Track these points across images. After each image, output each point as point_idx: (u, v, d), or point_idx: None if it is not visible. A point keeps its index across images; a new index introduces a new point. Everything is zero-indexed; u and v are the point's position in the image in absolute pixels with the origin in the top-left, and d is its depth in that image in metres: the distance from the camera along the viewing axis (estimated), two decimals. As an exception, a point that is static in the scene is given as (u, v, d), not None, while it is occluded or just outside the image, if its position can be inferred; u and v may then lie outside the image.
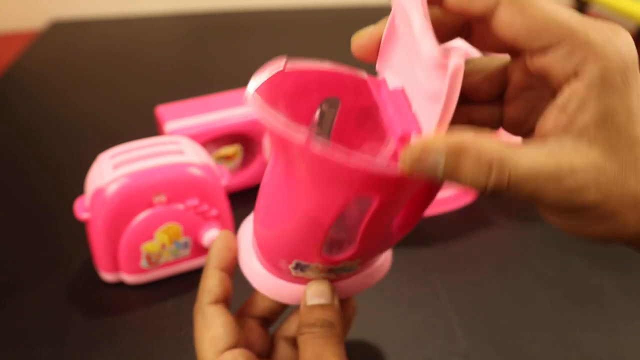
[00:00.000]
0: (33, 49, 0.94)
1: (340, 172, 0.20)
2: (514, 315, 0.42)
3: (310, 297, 0.26)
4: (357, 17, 1.15)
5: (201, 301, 0.27)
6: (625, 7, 0.95)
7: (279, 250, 0.25)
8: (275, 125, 0.20)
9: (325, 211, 0.22)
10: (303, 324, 0.25)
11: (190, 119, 0.51)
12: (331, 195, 0.22)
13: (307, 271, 0.25)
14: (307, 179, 0.22)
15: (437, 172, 0.18)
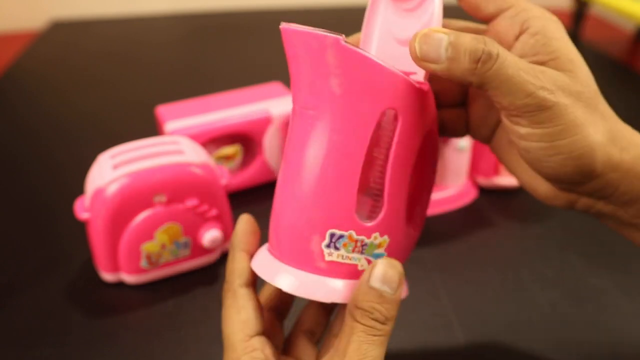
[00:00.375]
0: (33, 49, 0.94)
1: (371, 72, 0.22)
2: (514, 315, 0.42)
3: (375, 277, 0.23)
4: (357, 17, 1.15)
5: (232, 282, 0.27)
6: (625, 7, 0.95)
7: (312, 221, 0.24)
8: (308, 30, 0.22)
9: (356, 137, 0.23)
10: (358, 304, 0.23)
11: (190, 119, 0.51)
12: (361, 110, 0.22)
13: (341, 249, 0.24)
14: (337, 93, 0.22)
15: (442, 48, 0.22)
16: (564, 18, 1.21)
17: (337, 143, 0.23)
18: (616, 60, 0.97)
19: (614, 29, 1.28)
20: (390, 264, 0.24)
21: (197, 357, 0.38)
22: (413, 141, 0.25)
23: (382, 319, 0.23)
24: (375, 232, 0.25)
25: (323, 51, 0.22)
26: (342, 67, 0.22)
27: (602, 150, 0.24)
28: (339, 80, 0.22)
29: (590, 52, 1.02)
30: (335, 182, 0.23)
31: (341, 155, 0.23)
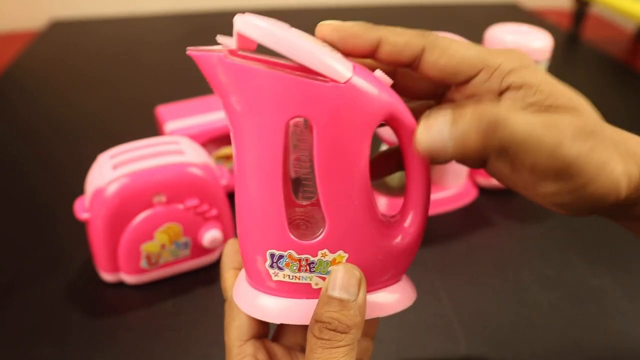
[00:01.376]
0: (33, 48, 0.94)
1: (264, 83, 0.20)
2: (514, 315, 0.42)
3: (332, 285, 0.23)
4: (357, 17, 1.15)
5: (226, 295, 0.28)
6: (625, 7, 0.95)
7: (252, 240, 0.24)
8: (199, 51, 0.21)
9: (267, 153, 0.21)
10: (316, 318, 0.23)
11: (190, 119, 0.51)
12: (266, 125, 0.21)
13: (285, 268, 0.23)
14: (239, 111, 0.21)
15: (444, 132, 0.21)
16: (564, 18, 1.22)
17: (252, 162, 0.22)
18: (616, 60, 0.97)
19: (615, 28, 1.28)
20: (346, 269, 0.23)
21: (197, 357, 0.38)
22: (348, 147, 0.22)
23: (342, 327, 0.22)
24: (323, 249, 0.23)
25: (214, 71, 0.21)
26: (234, 83, 0.21)
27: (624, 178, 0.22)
28: (236, 97, 0.21)
29: (590, 52, 1.02)
30: (260, 201, 0.22)
31: (258, 174, 0.22)
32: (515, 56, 0.23)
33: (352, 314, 0.22)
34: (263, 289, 0.24)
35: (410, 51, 0.22)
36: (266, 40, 0.20)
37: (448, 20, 1.14)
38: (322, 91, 0.21)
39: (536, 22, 1.09)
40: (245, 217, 0.23)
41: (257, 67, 0.21)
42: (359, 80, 0.21)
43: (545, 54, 0.50)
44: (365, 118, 0.22)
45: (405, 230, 0.25)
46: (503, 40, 0.50)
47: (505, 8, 1.23)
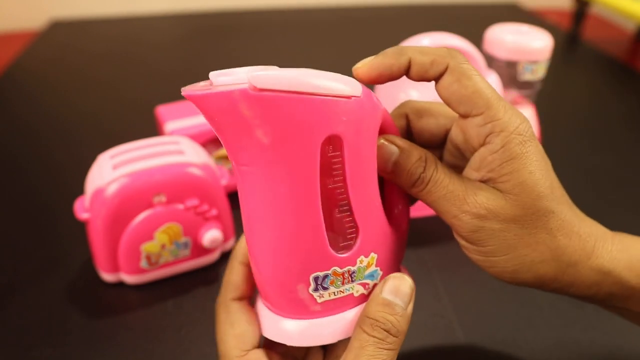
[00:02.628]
0: (33, 49, 0.94)
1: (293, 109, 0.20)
2: (514, 315, 0.42)
3: (387, 290, 0.24)
4: (357, 17, 1.15)
5: (225, 296, 0.27)
6: (625, 7, 0.95)
7: (290, 272, 0.23)
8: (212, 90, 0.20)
9: (303, 179, 0.21)
10: (369, 315, 0.23)
11: (190, 119, 0.51)
12: (298, 150, 0.21)
13: (330, 287, 0.23)
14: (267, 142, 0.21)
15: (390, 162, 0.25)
16: (564, 18, 1.22)
17: (287, 192, 0.22)
18: (616, 60, 0.97)
19: (615, 28, 1.28)
20: (403, 278, 0.24)
21: (197, 357, 0.38)
22: (368, 154, 0.23)
23: (394, 331, 0.23)
24: (359, 256, 0.24)
25: (235, 107, 0.20)
26: (261, 116, 0.20)
27: (538, 267, 0.25)
28: (263, 129, 0.21)
29: (590, 52, 1.02)
30: (300, 230, 0.22)
31: (295, 203, 0.22)
32: (517, 120, 0.24)
33: (403, 320, 0.24)
34: (307, 316, 0.24)
35: (435, 69, 0.24)
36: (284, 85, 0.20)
37: (448, 20, 1.14)
38: (348, 106, 0.22)
39: (536, 22, 1.10)
40: (279, 251, 0.23)
41: (285, 95, 0.20)
42: (367, 91, 0.23)
43: (545, 54, 0.50)
44: (376, 124, 0.24)
45: (398, 217, 0.27)
46: (503, 40, 0.50)
47: (505, 8, 1.23)
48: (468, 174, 0.25)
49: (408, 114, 0.28)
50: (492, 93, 0.24)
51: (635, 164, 0.64)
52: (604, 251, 0.26)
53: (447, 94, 0.24)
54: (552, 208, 0.24)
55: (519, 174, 0.23)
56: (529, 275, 0.25)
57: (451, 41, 0.46)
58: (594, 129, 0.72)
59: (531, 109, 0.54)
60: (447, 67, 0.24)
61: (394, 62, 0.24)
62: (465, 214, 0.24)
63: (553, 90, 0.81)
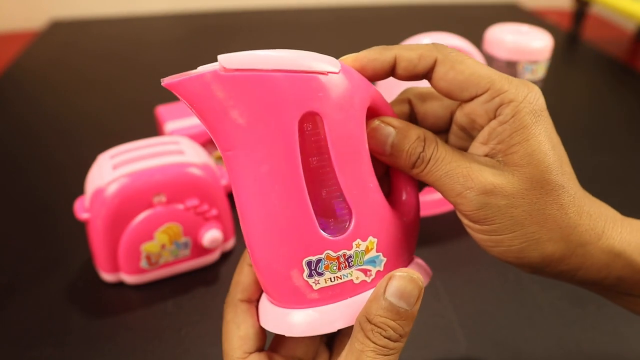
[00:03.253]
0: (33, 49, 0.94)
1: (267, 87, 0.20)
2: (514, 315, 0.42)
3: (391, 292, 0.22)
4: (357, 17, 1.15)
5: (234, 296, 0.26)
6: (625, 7, 0.95)
7: (282, 258, 0.22)
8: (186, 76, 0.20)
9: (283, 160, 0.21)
10: (370, 318, 0.22)
11: (190, 119, 0.51)
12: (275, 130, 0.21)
13: (325, 272, 0.23)
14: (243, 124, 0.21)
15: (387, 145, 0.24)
16: (564, 18, 1.22)
17: (268, 174, 0.21)
18: (616, 60, 0.97)
19: (615, 28, 1.28)
20: (410, 277, 0.22)
21: (197, 357, 0.38)
22: (354, 132, 0.23)
23: (395, 337, 0.22)
24: (356, 240, 0.23)
25: (208, 90, 0.20)
26: (234, 96, 0.20)
27: (546, 246, 0.23)
28: (238, 110, 0.21)
29: (590, 52, 1.02)
30: (286, 212, 0.22)
31: (278, 184, 0.21)
32: (525, 89, 0.23)
33: (407, 323, 0.22)
34: (305, 305, 0.23)
35: (424, 64, 0.24)
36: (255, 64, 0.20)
37: (448, 20, 1.14)
38: (324, 82, 0.21)
39: (536, 22, 1.10)
40: (268, 236, 0.22)
41: (258, 74, 0.20)
42: (347, 70, 0.23)
43: (545, 54, 0.50)
44: (361, 101, 0.23)
45: (406, 205, 0.26)
46: (503, 40, 0.50)
47: (505, 8, 1.23)
48: (474, 149, 0.24)
49: (411, 99, 0.27)
50: (490, 70, 0.23)
51: (635, 164, 0.64)
52: (614, 232, 0.24)
53: (445, 84, 0.23)
54: (562, 182, 0.23)
55: (528, 143, 0.23)
56: (535, 255, 0.24)
57: (451, 41, 0.46)
58: (594, 129, 0.72)
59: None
60: (436, 60, 0.23)
61: (378, 56, 0.24)
62: (470, 191, 0.23)
63: (553, 90, 0.80)
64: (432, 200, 0.51)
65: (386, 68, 0.24)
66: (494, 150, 0.23)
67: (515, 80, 0.23)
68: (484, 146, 0.24)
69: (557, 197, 0.23)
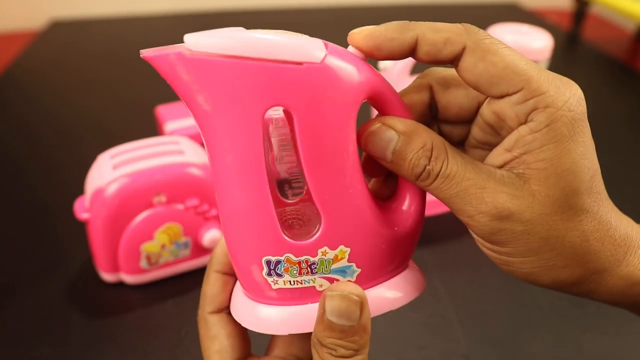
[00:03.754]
0: (33, 49, 0.94)
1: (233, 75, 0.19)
2: (514, 315, 0.42)
3: (329, 311, 0.20)
4: (357, 17, 1.15)
5: (203, 309, 0.25)
6: (625, 7, 0.95)
7: (244, 250, 0.22)
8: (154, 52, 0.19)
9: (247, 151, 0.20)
10: (319, 339, 0.21)
11: (190, 119, 0.51)
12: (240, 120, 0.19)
13: (285, 274, 0.22)
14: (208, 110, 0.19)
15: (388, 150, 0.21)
16: (564, 18, 1.22)
17: (230, 164, 0.20)
18: (616, 60, 0.97)
19: (615, 28, 1.28)
20: (341, 296, 0.20)
21: (196, 357, 0.38)
22: (334, 133, 0.20)
23: (349, 353, 0.20)
24: (322, 247, 0.21)
25: (174, 70, 0.19)
26: (199, 80, 0.19)
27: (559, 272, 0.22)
28: (204, 95, 0.19)
29: (590, 52, 1.02)
30: (246, 205, 0.20)
31: (240, 176, 0.20)
32: (566, 92, 0.20)
33: (358, 337, 0.20)
34: (264, 300, 0.22)
35: (450, 50, 0.20)
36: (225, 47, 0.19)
37: (448, 20, 1.13)
38: (297, 75, 0.19)
39: (536, 22, 1.09)
40: (232, 225, 0.21)
41: (223, 59, 0.19)
42: (334, 59, 0.20)
43: (545, 54, 0.50)
44: (347, 98, 0.20)
45: (405, 214, 0.23)
46: (503, 40, 0.50)
47: (505, 8, 1.23)
48: (495, 156, 0.21)
49: (432, 85, 0.23)
50: (528, 64, 0.20)
51: (635, 164, 0.64)
52: (636, 258, 0.22)
53: (472, 77, 0.20)
54: (588, 206, 0.21)
55: (560, 161, 0.20)
56: (546, 279, 0.22)
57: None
58: (594, 129, 0.71)
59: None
60: (465, 47, 0.20)
61: (396, 36, 0.20)
62: (483, 215, 0.20)
63: (553, 90, 0.80)
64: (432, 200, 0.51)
65: (405, 50, 0.21)
66: (518, 161, 0.20)
67: (556, 79, 0.20)
68: (507, 153, 0.21)
69: (579, 222, 0.21)
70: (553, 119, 0.19)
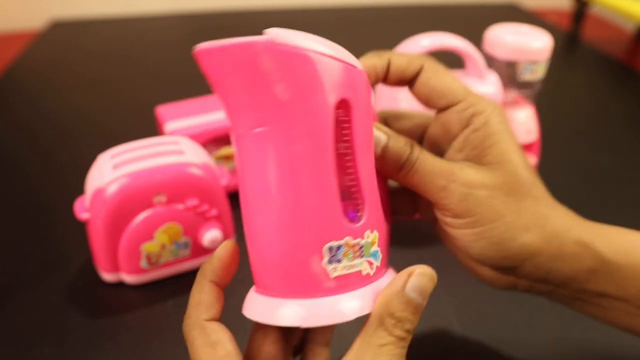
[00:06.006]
0: (33, 49, 0.94)
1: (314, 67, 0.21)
2: (514, 315, 0.42)
3: (412, 287, 0.22)
4: (357, 17, 1.15)
5: (197, 317, 0.24)
6: (625, 7, 0.96)
7: (303, 244, 0.22)
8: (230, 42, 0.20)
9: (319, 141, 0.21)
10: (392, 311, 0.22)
11: (190, 119, 0.51)
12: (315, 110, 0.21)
13: (343, 260, 0.22)
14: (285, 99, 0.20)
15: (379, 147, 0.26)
16: (564, 18, 1.22)
17: (301, 153, 0.21)
18: (616, 60, 0.97)
19: (614, 28, 1.28)
20: (430, 275, 0.23)
21: (197, 357, 0.38)
22: (368, 126, 0.24)
23: (411, 328, 0.23)
24: (366, 230, 0.23)
25: (255, 59, 0.20)
26: (282, 70, 0.20)
27: (524, 235, 0.26)
28: (283, 84, 0.20)
29: (590, 52, 1.02)
30: (315, 194, 0.21)
31: (310, 164, 0.21)
32: (491, 104, 0.27)
33: (418, 316, 0.23)
34: (319, 294, 0.22)
35: (412, 69, 0.27)
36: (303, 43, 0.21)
37: (448, 20, 1.14)
38: (356, 74, 0.23)
39: (536, 22, 1.10)
40: (287, 222, 0.22)
41: (307, 52, 0.21)
42: None
43: (545, 54, 0.50)
44: (371, 100, 0.24)
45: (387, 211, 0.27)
46: (503, 40, 0.50)
47: (505, 8, 1.23)
48: (450, 157, 0.27)
49: (386, 118, 0.30)
50: (464, 84, 0.27)
51: (635, 164, 0.64)
52: (580, 225, 0.27)
53: (427, 89, 0.27)
54: (532, 179, 0.27)
55: (499, 145, 0.26)
56: (514, 245, 0.26)
57: (451, 41, 0.46)
58: (594, 129, 0.72)
59: (531, 109, 0.54)
60: (422, 67, 0.27)
61: (377, 61, 0.26)
62: (454, 184, 0.25)
63: (553, 90, 0.81)
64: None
65: (383, 73, 0.27)
66: (469, 156, 0.27)
67: (481, 96, 0.27)
68: (459, 153, 0.27)
69: (529, 190, 0.26)
70: (488, 120, 0.26)
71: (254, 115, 0.21)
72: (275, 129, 0.21)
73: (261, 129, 0.21)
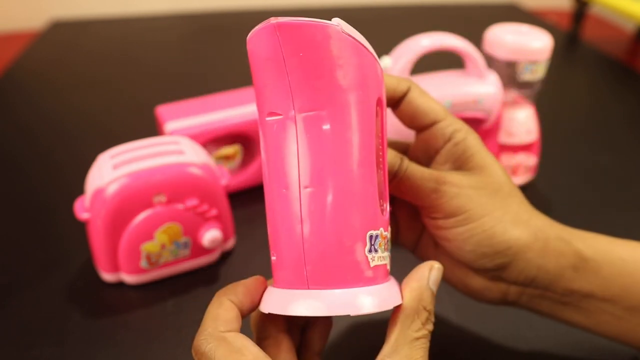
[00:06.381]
0: (33, 49, 0.94)
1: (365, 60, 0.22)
2: (514, 315, 0.42)
3: (433, 281, 0.25)
4: (357, 17, 1.15)
5: (216, 329, 0.23)
6: (625, 7, 0.95)
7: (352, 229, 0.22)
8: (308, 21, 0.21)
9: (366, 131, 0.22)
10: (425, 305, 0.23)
11: (190, 119, 0.51)
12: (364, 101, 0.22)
13: (379, 249, 0.23)
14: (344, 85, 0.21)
15: None
16: (564, 18, 1.22)
17: (351, 140, 0.22)
18: (616, 60, 0.97)
19: (614, 28, 1.28)
20: (442, 269, 0.25)
21: (197, 357, 0.38)
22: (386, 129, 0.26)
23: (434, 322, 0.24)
24: (388, 225, 0.24)
25: (325, 42, 0.21)
26: (344, 56, 0.21)
27: (513, 229, 0.28)
28: (345, 70, 0.21)
29: (590, 52, 1.02)
30: (362, 180, 0.22)
31: (358, 151, 0.22)
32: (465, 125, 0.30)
33: None
34: (361, 283, 0.22)
35: (402, 88, 0.29)
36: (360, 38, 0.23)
37: (448, 20, 1.14)
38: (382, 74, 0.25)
39: (536, 22, 1.10)
40: (340, 206, 0.21)
41: (363, 46, 0.22)
42: None
43: (545, 54, 0.50)
44: None
45: None
46: (503, 40, 0.50)
47: (505, 8, 1.23)
48: (435, 169, 0.30)
49: None
50: (441, 104, 0.30)
51: (635, 164, 0.64)
52: (558, 226, 0.30)
53: (413, 107, 0.29)
54: (512, 184, 0.30)
55: (479, 154, 0.29)
56: (505, 238, 0.28)
57: (451, 41, 0.46)
58: (594, 129, 0.72)
59: (531, 109, 0.54)
60: (410, 87, 0.29)
61: None
62: (445, 185, 0.28)
63: (553, 90, 0.80)
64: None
65: None
66: (453, 167, 0.30)
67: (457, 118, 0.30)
68: (443, 165, 0.30)
69: (509, 192, 0.29)
70: (466, 136, 0.29)
71: (314, 98, 0.21)
72: (328, 112, 0.21)
73: (315, 112, 0.21)
